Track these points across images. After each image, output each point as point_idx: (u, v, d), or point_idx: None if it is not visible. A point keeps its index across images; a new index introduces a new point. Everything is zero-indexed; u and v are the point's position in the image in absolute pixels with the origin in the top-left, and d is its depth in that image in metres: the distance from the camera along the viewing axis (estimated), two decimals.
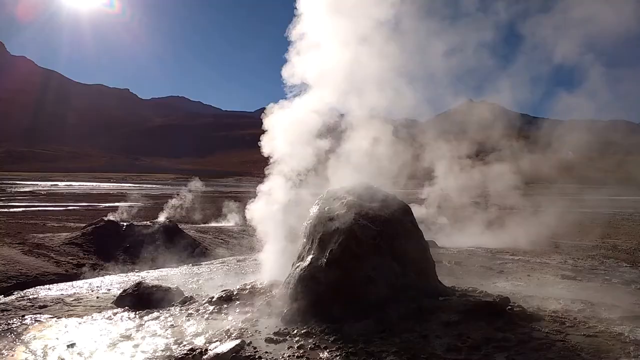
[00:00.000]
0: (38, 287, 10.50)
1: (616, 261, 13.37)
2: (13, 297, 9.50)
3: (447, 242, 16.63)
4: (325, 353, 5.96)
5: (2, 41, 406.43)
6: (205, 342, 6.40)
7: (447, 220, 20.97)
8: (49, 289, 10.35)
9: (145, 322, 7.45)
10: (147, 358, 5.96)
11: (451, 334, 6.38)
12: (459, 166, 20.08)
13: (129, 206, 22.78)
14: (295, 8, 10.10)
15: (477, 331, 6.41)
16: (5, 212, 27.10)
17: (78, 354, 6.10)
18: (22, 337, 6.80)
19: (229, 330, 6.85)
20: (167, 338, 6.65)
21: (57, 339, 6.70)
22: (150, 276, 11.64)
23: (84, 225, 17.49)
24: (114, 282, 11.13)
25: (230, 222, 23.68)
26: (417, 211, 20.03)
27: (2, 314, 8.05)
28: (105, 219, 16.95)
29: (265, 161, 10.46)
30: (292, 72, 10.14)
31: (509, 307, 7.27)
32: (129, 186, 76.24)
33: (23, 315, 7.90)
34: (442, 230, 19.34)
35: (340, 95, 10.02)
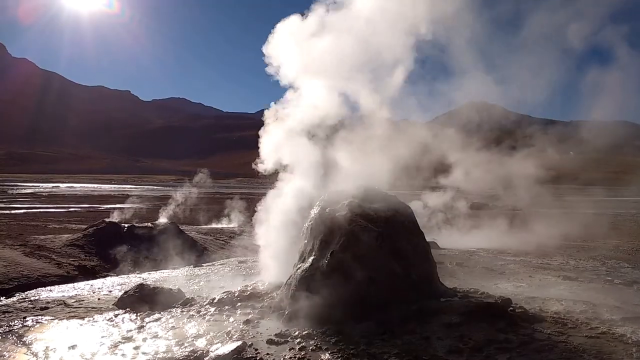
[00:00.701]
0: (39, 288, 10.50)
1: (618, 262, 13.35)
2: (14, 298, 9.50)
3: (449, 243, 16.62)
4: (327, 355, 5.95)
5: (4, 43, 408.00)
6: (206, 344, 6.40)
7: (466, 204, 21.32)
8: (50, 290, 10.36)
9: (147, 323, 7.44)
10: None
11: (453, 335, 6.36)
12: (469, 163, 20.13)
13: (130, 207, 22.78)
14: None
15: (478, 333, 6.39)
16: (7, 213, 27.14)
17: (79, 355, 6.10)
18: (24, 339, 6.79)
19: (230, 331, 6.85)
20: (168, 340, 6.64)
21: (59, 340, 6.70)
22: (151, 278, 11.63)
23: (85, 226, 17.50)
24: (115, 283, 11.13)
25: (231, 223, 23.64)
26: (435, 200, 20.43)
27: (3, 315, 8.05)
28: (107, 220, 16.95)
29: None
30: None
31: (511, 308, 7.26)
32: (130, 187, 76.33)
33: (24, 317, 7.91)
34: (459, 217, 19.83)
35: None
